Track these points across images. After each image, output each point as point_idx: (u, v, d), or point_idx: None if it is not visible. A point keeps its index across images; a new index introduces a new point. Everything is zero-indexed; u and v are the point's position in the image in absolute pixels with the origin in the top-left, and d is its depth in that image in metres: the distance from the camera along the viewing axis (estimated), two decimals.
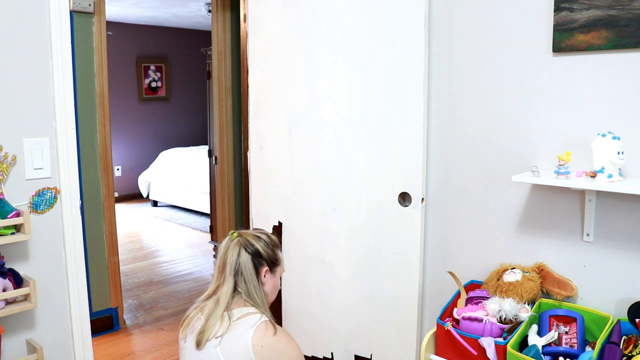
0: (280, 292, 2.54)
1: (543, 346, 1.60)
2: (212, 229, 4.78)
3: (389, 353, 2.22)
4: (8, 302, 1.74)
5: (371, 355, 2.29)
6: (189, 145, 7.92)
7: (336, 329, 2.38)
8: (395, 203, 2.12)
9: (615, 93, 1.66)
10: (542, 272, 1.82)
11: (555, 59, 1.76)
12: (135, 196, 7.67)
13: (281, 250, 1.80)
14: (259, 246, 1.66)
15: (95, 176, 3.11)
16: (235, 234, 1.67)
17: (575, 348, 1.60)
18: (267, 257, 1.67)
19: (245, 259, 1.64)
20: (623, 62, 1.63)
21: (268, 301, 1.71)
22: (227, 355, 1.51)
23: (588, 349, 1.64)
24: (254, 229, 1.77)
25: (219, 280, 1.64)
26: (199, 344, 1.55)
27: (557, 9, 1.72)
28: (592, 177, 1.62)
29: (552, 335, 1.62)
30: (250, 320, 1.56)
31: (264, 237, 1.70)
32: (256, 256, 1.65)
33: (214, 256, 4.74)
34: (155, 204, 7.35)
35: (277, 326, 1.59)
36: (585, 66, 1.71)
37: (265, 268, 1.67)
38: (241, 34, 2.68)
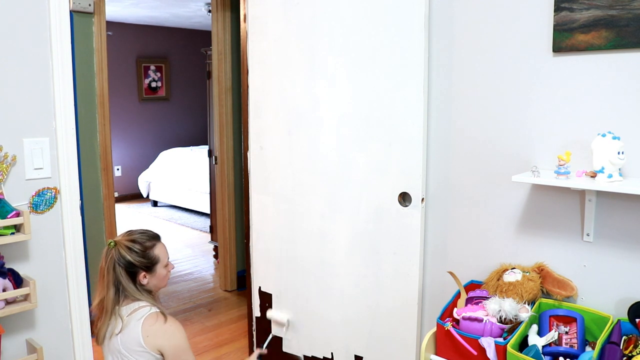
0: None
1: (543, 346, 1.60)
2: (212, 229, 4.77)
3: (389, 353, 2.22)
4: (8, 302, 1.74)
5: (371, 355, 2.29)
6: (189, 145, 7.92)
7: (336, 329, 2.38)
8: (395, 203, 2.12)
9: (616, 93, 1.66)
10: (542, 272, 1.82)
11: (556, 59, 1.76)
12: (135, 196, 7.67)
13: (159, 240, 1.83)
14: (131, 258, 1.73)
15: (95, 176, 3.11)
16: (112, 244, 1.75)
17: (576, 348, 1.60)
18: (140, 265, 1.75)
19: (119, 271, 1.73)
20: (623, 62, 1.63)
21: (158, 289, 1.84)
22: (127, 350, 1.66)
23: (588, 349, 1.64)
24: (128, 232, 1.80)
25: (103, 289, 1.74)
26: (98, 341, 1.73)
27: (557, 9, 1.72)
28: (592, 177, 1.62)
29: (552, 335, 1.62)
30: (138, 314, 1.69)
31: (137, 245, 1.76)
32: (129, 267, 1.74)
33: (214, 256, 4.73)
34: (155, 204, 7.35)
35: (169, 316, 1.73)
36: (585, 66, 1.70)
37: (142, 273, 1.75)
38: (241, 34, 2.68)
